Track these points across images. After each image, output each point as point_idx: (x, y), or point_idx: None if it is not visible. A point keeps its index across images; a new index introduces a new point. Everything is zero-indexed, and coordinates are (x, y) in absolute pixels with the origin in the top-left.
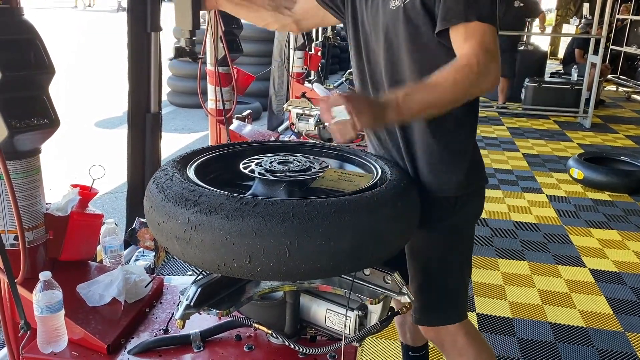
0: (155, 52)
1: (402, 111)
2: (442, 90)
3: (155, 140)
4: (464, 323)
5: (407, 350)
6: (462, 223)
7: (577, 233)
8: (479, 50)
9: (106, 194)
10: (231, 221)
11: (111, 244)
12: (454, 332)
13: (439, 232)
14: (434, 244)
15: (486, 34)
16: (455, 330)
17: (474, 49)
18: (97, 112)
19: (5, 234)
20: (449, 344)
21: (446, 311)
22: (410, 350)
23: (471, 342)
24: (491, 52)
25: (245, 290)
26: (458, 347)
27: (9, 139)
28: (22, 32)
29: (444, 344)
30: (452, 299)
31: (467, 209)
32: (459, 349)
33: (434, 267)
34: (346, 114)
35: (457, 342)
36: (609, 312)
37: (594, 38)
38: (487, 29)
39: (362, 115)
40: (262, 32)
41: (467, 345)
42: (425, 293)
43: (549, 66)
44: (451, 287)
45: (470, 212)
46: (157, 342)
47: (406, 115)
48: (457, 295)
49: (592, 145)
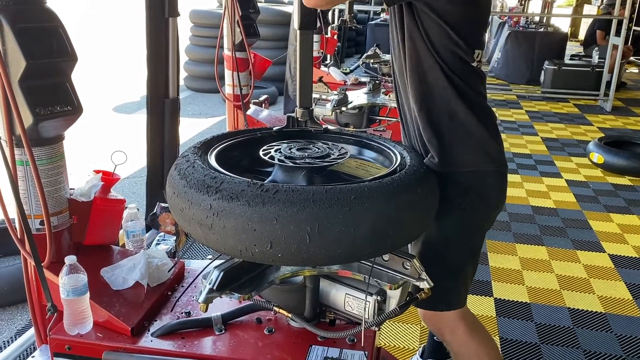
0: (173, 37)
1: None
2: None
3: (173, 125)
4: (464, 314)
5: (433, 335)
6: (467, 211)
7: (596, 218)
8: None
9: (125, 178)
10: (252, 208)
11: (133, 228)
12: (452, 323)
13: (440, 218)
14: (433, 229)
15: None
16: (454, 320)
17: None
18: (115, 98)
19: (31, 219)
20: (448, 334)
21: (434, 298)
22: (435, 336)
23: (471, 334)
24: None
25: (265, 275)
26: (457, 337)
27: (34, 125)
28: (45, 20)
29: (443, 334)
30: (442, 285)
31: (474, 195)
32: (458, 339)
33: (425, 252)
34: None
35: (456, 332)
36: (628, 298)
37: (616, 19)
38: None
39: None
40: (278, 16)
41: (466, 337)
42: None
43: (569, 48)
44: (443, 273)
45: (479, 200)
46: (180, 324)
47: None
48: (450, 282)
49: (612, 129)
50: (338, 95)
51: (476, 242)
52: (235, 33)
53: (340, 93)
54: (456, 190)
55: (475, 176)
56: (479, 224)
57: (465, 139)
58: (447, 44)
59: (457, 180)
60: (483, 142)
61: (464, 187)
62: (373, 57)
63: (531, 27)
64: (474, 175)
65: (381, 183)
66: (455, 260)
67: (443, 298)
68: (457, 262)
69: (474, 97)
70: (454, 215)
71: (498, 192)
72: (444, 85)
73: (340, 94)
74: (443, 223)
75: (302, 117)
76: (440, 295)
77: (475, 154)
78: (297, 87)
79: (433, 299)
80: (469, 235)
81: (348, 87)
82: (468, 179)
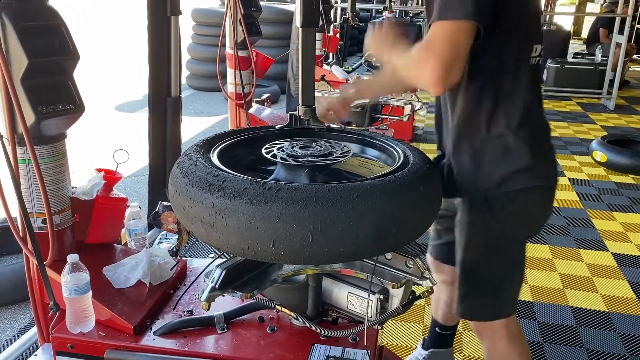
0: (175, 36)
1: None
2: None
3: (175, 124)
4: (508, 322)
5: (435, 326)
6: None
7: (599, 217)
8: (421, 45)
9: (128, 177)
10: (255, 206)
11: (136, 227)
12: (494, 327)
13: (477, 230)
14: (471, 240)
15: (435, 31)
16: (496, 326)
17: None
18: (117, 96)
19: (33, 217)
20: (487, 336)
21: (476, 309)
22: (438, 327)
23: (510, 341)
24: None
25: (268, 273)
26: (494, 340)
27: (36, 124)
28: (47, 18)
29: (482, 335)
30: (480, 299)
31: (507, 213)
32: (496, 346)
33: (471, 262)
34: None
35: (496, 336)
36: (631, 297)
37: (619, 17)
38: (440, 26)
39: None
40: (280, 14)
41: (504, 343)
42: (461, 284)
43: (572, 46)
44: (485, 285)
45: (513, 219)
46: (182, 323)
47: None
48: (493, 294)
49: (615, 127)
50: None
51: (518, 254)
52: (237, 31)
53: None
54: (497, 204)
55: (519, 193)
56: (521, 236)
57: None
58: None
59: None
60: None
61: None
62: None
63: None
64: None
65: (384, 181)
66: (498, 271)
67: (484, 308)
68: (499, 274)
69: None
70: (494, 228)
71: (542, 208)
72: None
73: None
74: (484, 234)
75: (304, 115)
76: (481, 305)
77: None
78: (300, 86)
79: (474, 309)
80: (509, 247)
81: None
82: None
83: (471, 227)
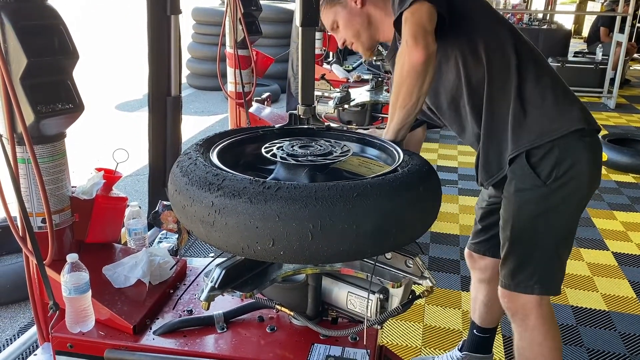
0: (175, 35)
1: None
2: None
3: (175, 123)
4: (542, 302)
5: (473, 328)
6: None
7: (600, 216)
8: (404, 42)
9: (128, 176)
10: (254, 205)
11: (135, 226)
12: (528, 307)
13: (526, 195)
14: (522, 207)
15: (408, 19)
16: (530, 305)
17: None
18: (117, 96)
19: (33, 217)
20: (520, 317)
21: (521, 280)
22: (476, 329)
23: (542, 323)
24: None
25: (268, 273)
26: (528, 322)
27: (35, 123)
28: (46, 17)
29: (515, 315)
30: (527, 269)
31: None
32: (528, 324)
33: (511, 232)
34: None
35: (529, 317)
36: (632, 296)
37: (620, 16)
38: (412, 11)
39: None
40: (281, 13)
41: (537, 324)
42: (506, 256)
43: (573, 45)
44: (529, 257)
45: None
46: (182, 322)
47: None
48: (536, 267)
49: (616, 126)
50: (340, 93)
51: (570, 221)
52: (237, 31)
53: (343, 91)
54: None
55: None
56: (573, 198)
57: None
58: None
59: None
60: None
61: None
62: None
63: (534, 24)
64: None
65: (384, 180)
66: (546, 245)
67: (528, 283)
68: (547, 248)
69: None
70: (544, 190)
71: (588, 161)
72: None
73: (343, 91)
74: (535, 199)
75: (304, 114)
76: (526, 280)
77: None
78: (299, 85)
79: (528, 282)
80: (561, 211)
81: (350, 84)
82: (547, 150)
83: (521, 194)
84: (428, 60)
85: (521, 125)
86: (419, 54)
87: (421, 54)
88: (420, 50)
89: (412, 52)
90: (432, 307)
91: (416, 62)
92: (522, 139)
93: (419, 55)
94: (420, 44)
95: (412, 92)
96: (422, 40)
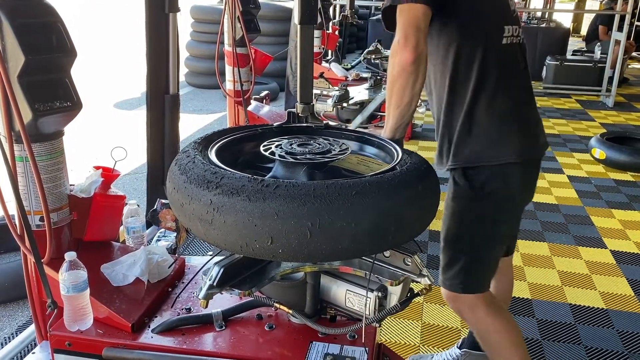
0: (174, 33)
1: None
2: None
3: (174, 121)
4: (483, 296)
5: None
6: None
7: (598, 214)
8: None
9: (126, 174)
10: (253, 203)
11: (134, 224)
12: (470, 303)
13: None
14: (448, 214)
15: (402, 16)
16: (472, 301)
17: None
18: (115, 94)
19: (31, 215)
20: (467, 313)
21: (447, 278)
22: None
23: (492, 315)
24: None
25: (266, 271)
26: (477, 317)
27: (33, 121)
28: (44, 15)
29: (461, 312)
30: (453, 268)
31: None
32: (477, 319)
33: (445, 234)
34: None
35: (476, 312)
36: (630, 294)
37: (618, 14)
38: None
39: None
40: (279, 12)
41: (486, 317)
42: (441, 255)
43: (571, 43)
44: (455, 259)
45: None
46: (180, 321)
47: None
48: (460, 269)
49: (614, 124)
50: (339, 91)
51: (493, 232)
52: (235, 29)
53: (342, 89)
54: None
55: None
56: (496, 214)
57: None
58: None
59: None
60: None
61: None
62: (374, 52)
63: (533, 22)
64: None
65: (382, 178)
66: (473, 246)
67: (461, 281)
68: (474, 248)
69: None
70: (470, 203)
71: (518, 185)
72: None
73: (342, 89)
74: (459, 210)
75: (302, 112)
76: (458, 277)
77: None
78: (298, 83)
79: (453, 280)
80: (485, 224)
81: (349, 83)
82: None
83: (454, 201)
84: (417, 60)
85: (465, 141)
86: (408, 54)
87: (410, 54)
88: (410, 51)
89: (401, 52)
90: (430, 305)
91: (405, 63)
92: (460, 155)
93: (407, 55)
94: (410, 44)
95: (404, 92)
96: (412, 40)
